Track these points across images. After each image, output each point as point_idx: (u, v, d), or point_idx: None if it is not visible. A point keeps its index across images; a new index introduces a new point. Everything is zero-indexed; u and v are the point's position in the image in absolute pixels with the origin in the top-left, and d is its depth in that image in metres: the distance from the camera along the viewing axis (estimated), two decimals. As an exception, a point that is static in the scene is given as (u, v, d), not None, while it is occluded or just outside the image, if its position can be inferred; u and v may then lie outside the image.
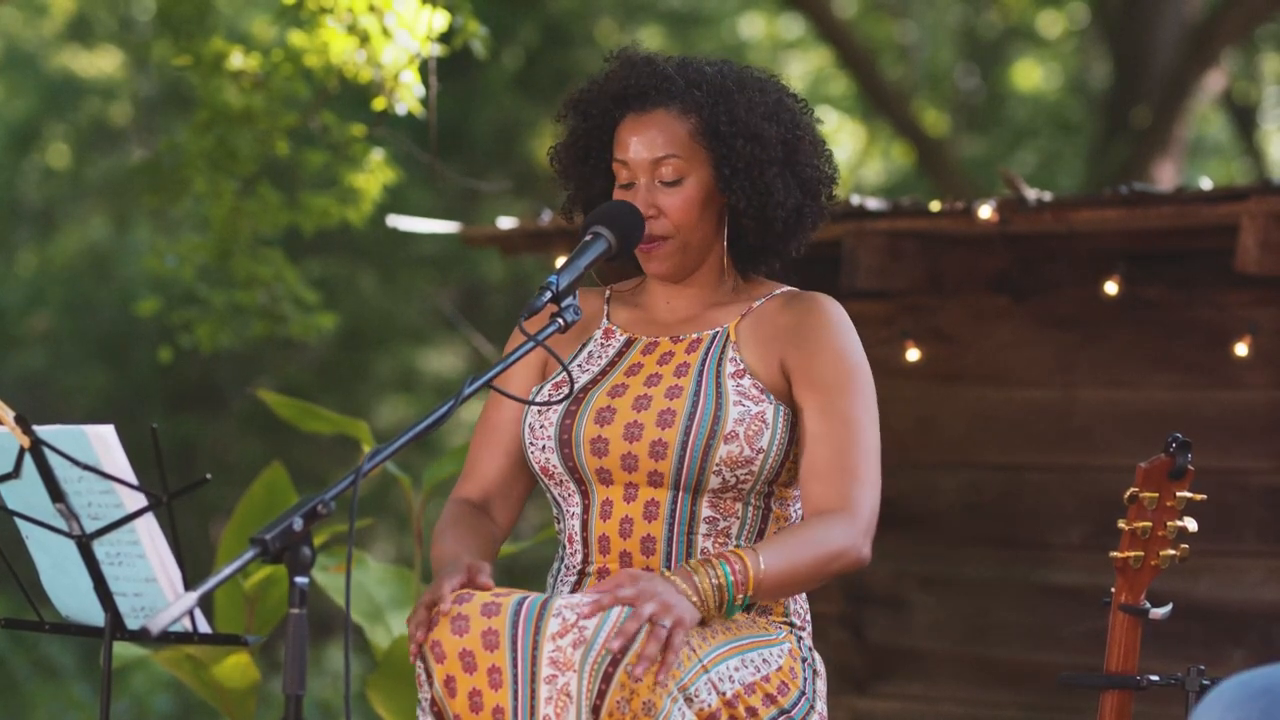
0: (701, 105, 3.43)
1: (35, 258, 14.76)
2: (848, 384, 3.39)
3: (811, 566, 3.28)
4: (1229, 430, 5.56)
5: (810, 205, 3.47)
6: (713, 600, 3.20)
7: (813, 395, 3.38)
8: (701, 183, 3.44)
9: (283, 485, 5.31)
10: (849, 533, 3.31)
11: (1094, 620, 4.99)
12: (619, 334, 3.53)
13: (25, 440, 3.25)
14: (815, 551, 3.28)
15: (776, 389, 3.41)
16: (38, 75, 15.07)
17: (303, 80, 5.87)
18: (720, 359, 3.42)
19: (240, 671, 5.03)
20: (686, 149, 3.43)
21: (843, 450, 3.35)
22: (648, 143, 3.43)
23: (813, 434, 3.37)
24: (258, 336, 6.25)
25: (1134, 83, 12.02)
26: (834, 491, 3.34)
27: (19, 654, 12.05)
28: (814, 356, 3.40)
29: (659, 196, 3.43)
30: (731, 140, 3.41)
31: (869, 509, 3.34)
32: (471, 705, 3.17)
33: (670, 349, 3.47)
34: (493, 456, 3.54)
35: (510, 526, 3.58)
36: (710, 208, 3.46)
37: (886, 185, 15.76)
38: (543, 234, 5.94)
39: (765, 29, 16.07)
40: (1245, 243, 5.06)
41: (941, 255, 5.82)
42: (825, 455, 3.35)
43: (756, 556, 3.24)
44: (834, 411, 3.37)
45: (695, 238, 3.46)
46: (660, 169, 3.43)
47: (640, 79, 3.46)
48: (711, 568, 3.22)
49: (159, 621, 2.72)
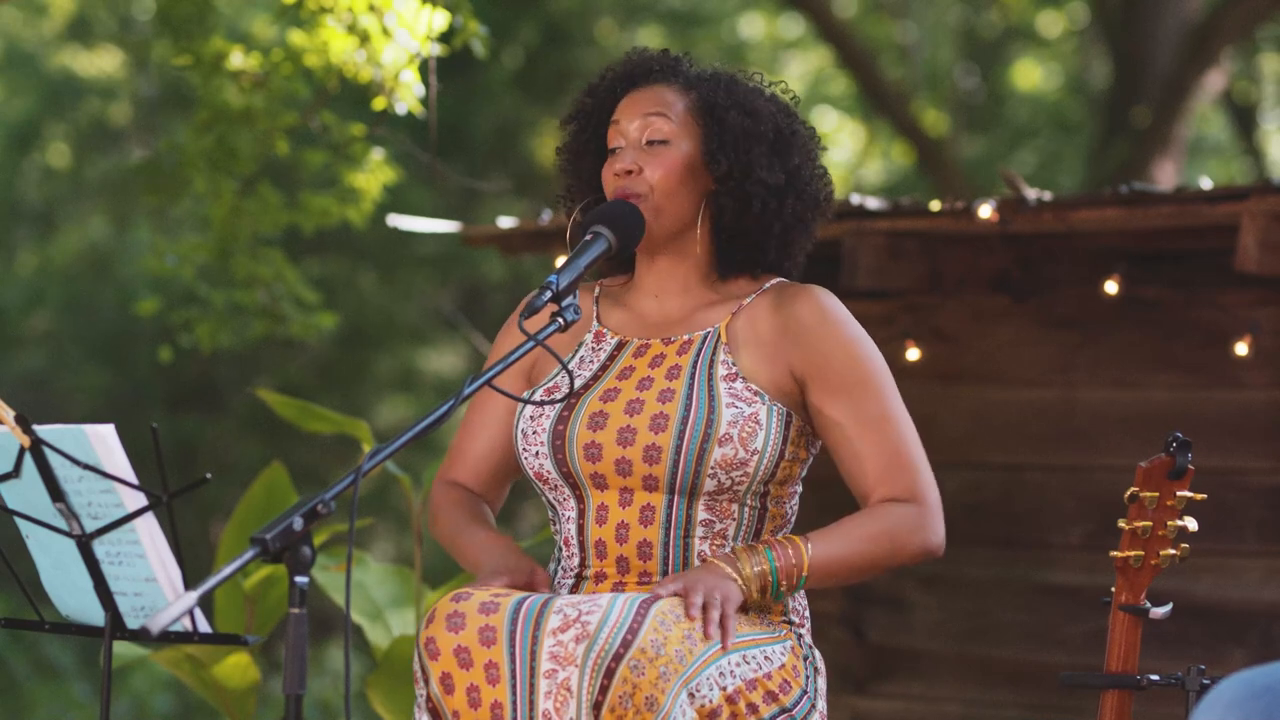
0: (702, 82, 3.48)
1: (35, 257, 14.75)
2: (871, 380, 3.41)
3: (872, 552, 3.34)
4: (1229, 430, 5.56)
5: (794, 200, 3.46)
6: (755, 585, 3.27)
7: (839, 401, 3.40)
8: (687, 152, 3.45)
9: (283, 485, 5.31)
10: (919, 519, 3.37)
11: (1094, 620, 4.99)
12: (610, 337, 3.53)
13: (25, 440, 3.25)
14: (876, 538, 3.34)
15: (782, 393, 3.40)
16: (38, 75, 15.07)
17: (303, 80, 5.87)
18: (712, 361, 3.42)
19: (240, 671, 5.03)
20: (679, 117, 3.46)
21: (891, 448, 3.39)
22: (641, 103, 3.48)
23: (855, 439, 3.39)
24: (258, 336, 6.25)
25: (1134, 82, 12.02)
26: (896, 487, 3.38)
27: (19, 653, 12.05)
28: (828, 359, 3.40)
29: (642, 156, 3.45)
30: (725, 112, 3.44)
31: (934, 495, 3.41)
32: (470, 701, 3.17)
33: (661, 351, 3.46)
34: (483, 444, 3.56)
35: (495, 514, 3.61)
36: (692, 182, 3.46)
37: (886, 185, 15.75)
38: (543, 234, 5.94)
39: (765, 29, 16.07)
40: (1245, 242, 5.05)
41: (941, 255, 5.82)
42: (876, 459, 3.39)
43: (807, 544, 3.31)
44: (867, 414, 3.39)
45: (670, 205, 3.45)
46: (648, 129, 3.45)
47: (645, 61, 3.53)
48: (755, 553, 3.29)
49: (159, 621, 2.72)
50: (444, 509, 3.56)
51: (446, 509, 3.56)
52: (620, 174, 3.45)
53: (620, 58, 3.58)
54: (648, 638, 3.12)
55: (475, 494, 3.58)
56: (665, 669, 3.12)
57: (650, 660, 3.11)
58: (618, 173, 3.45)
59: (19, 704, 11.66)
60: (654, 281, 3.53)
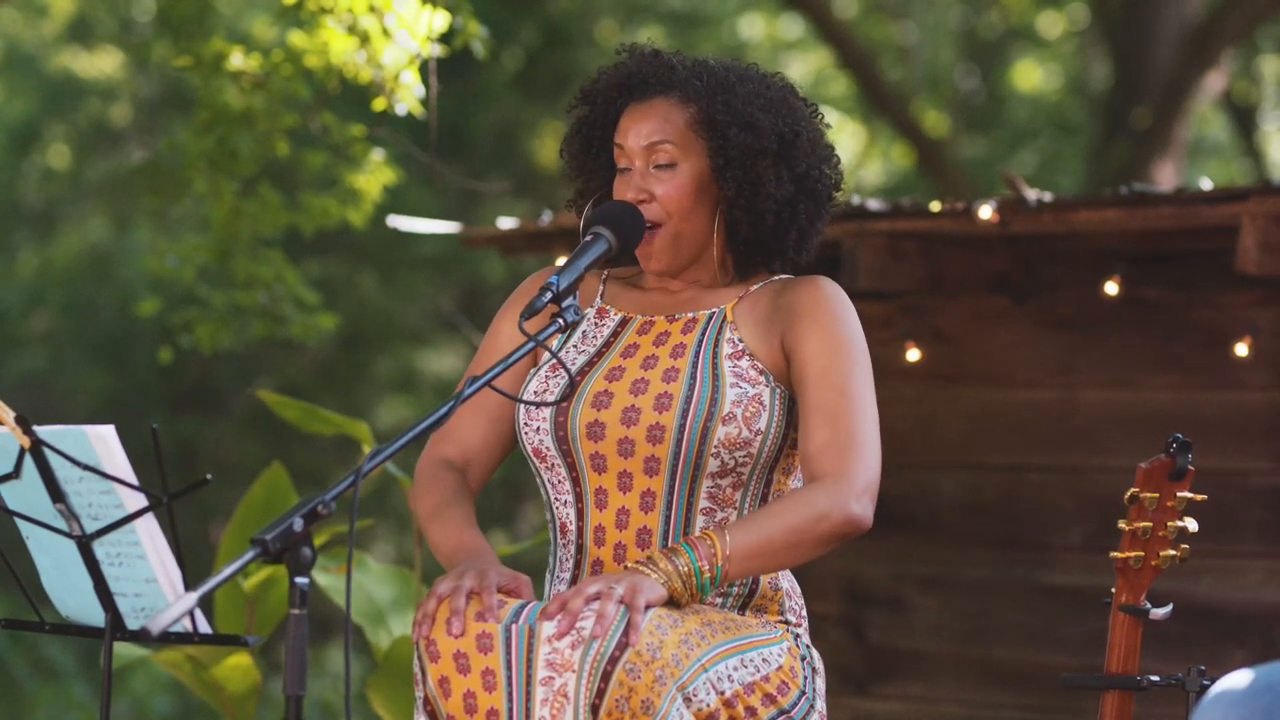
0: (700, 94, 3.45)
1: (35, 258, 14.76)
2: (843, 354, 3.37)
3: (789, 534, 3.25)
4: (1229, 431, 5.56)
5: (806, 203, 3.47)
6: (678, 580, 3.21)
7: (808, 368, 3.36)
8: (695, 171, 3.44)
9: (283, 486, 5.31)
10: (835, 495, 3.27)
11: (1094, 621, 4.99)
12: (613, 313, 3.53)
13: (26, 440, 3.25)
14: (791, 519, 3.26)
15: (776, 369, 3.40)
16: (38, 76, 15.08)
17: (303, 81, 5.87)
18: (717, 340, 3.42)
19: (240, 672, 5.03)
20: (682, 136, 3.44)
21: (838, 418, 3.32)
22: (644, 128, 3.45)
23: (809, 405, 3.34)
24: (258, 337, 6.25)
25: (1134, 83, 12.02)
26: (829, 461, 3.31)
27: (18, 654, 12.05)
28: (810, 332, 3.39)
29: (651, 182, 3.44)
30: (726, 128, 3.42)
31: (864, 471, 3.30)
32: (466, 707, 3.17)
33: (666, 329, 3.46)
34: (476, 422, 3.53)
35: (479, 490, 3.57)
36: (704, 198, 3.46)
37: (887, 186, 15.76)
38: (543, 235, 5.94)
39: (765, 30, 16.07)
40: (1245, 243, 5.06)
41: (942, 256, 5.82)
42: (822, 426, 3.32)
43: (723, 533, 3.24)
44: (828, 382, 3.35)
45: (687, 227, 3.45)
46: (654, 154, 3.44)
47: (643, 68, 3.50)
48: (674, 553, 3.23)
49: (159, 622, 2.72)
50: (430, 487, 3.50)
51: (432, 488, 3.50)
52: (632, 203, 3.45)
53: (613, 60, 3.55)
54: (644, 641, 3.12)
55: (461, 472, 3.54)
56: (661, 672, 3.11)
57: (646, 664, 3.11)
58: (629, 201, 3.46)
59: (19, 705, 11.66)
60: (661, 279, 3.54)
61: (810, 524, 3.26)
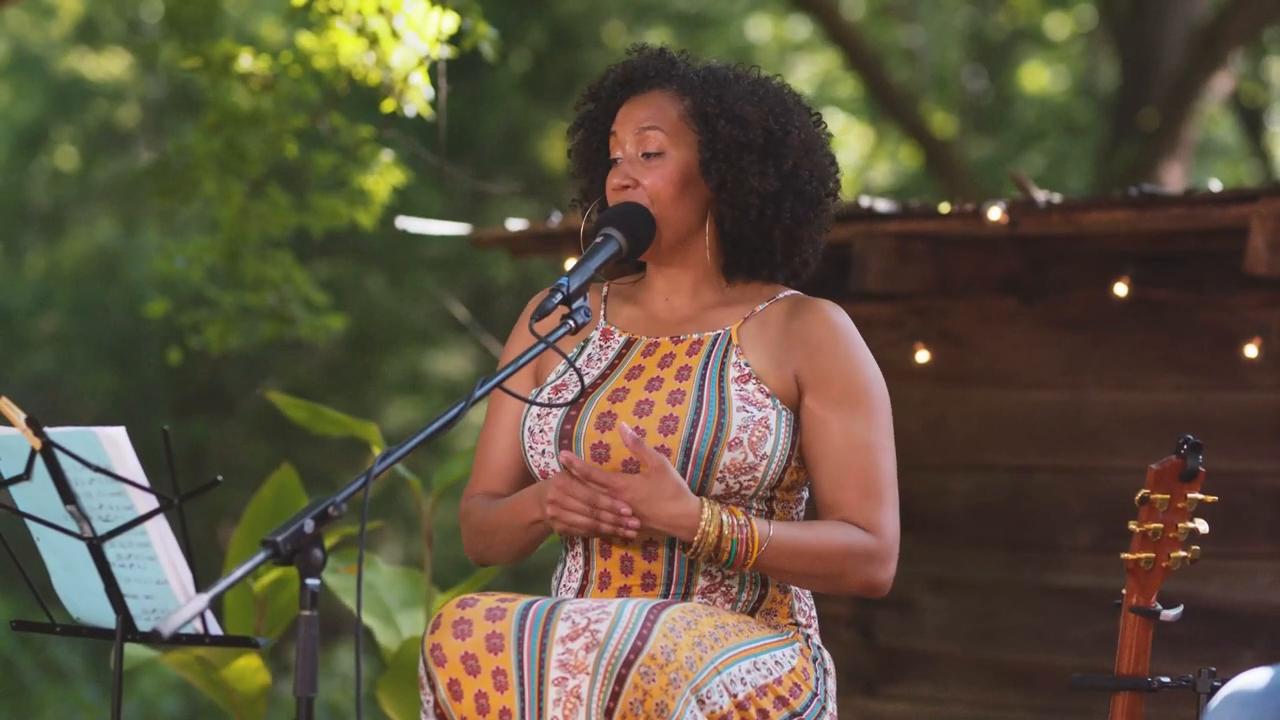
0: (696, 88, 3.46)
1: (44, 260, 14.77)
2: (866, 403, 3.39)
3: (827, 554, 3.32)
4: (1239, 432, 5.55)
5: (793, 202, 3.45)
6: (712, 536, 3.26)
7: (830, 413, 3.38)
8: (682, 161, 3.45)
9: (292, 487, 5.31)
10: (876, 551, 3.36)
11: (1103, 622, 4.99)
12: (618, 334, 3.52)
13: (36, 442, 3.25)
14: (833, 545, 3.32)
15: (786, 395, 3.40)
16: (46, 77, 15.09)
17: (312, 82, 5.88)
18: (723, 363, 3.41)
19: (250, 674, 5.03)
20: (673, 126, 3.45)
21: (868, 476, 3.37)
22: (638, 114, 3.47)
23: (836, 455, 3.37)
24: (266, 338, 6.25)
25: (1142, 84, 12.01)
26: (861, 514, 3.36)
27: (27, 656, 12.06)
28: (830, 373, 3.39)
29: (639, 169, 3.45)
30: (715, 121, 3.43)
31: (892, 534, 3.38)
32: (479, 708, 3.18)
33: (671, 350, 3.46)
34: (507, 444, 3.53)
35: None
36: (690, 191, 3.45)
37: (895, 187, 15.75)
38: (551, 236, 5.94)
39: (773, 31, 16.07)
40: (1254, 244, 5.06)
41: (950, 257, 5.82)
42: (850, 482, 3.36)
43: (770, 524, 3.30)
44: (854, 435, 3.37)
45: (672, 215, 3.44)
46: (644, 141, 3.45)
47: (644, 63, 3.52)
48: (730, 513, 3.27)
49: (170, 623, 2.73)
50: (471, 515, 3.53)
51: (473, 514, 3.53)
52: (617, 189, 3.46)
53: (621, 58, 3.58)
54: (658, 644, 3.12)
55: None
56: (675, 675, 3.12)
57: (660, 667, 3.11)
58: (614, 187, 3.47)
59: (27, 706, 11.67)
60: (664, 284, 3.53)
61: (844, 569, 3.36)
